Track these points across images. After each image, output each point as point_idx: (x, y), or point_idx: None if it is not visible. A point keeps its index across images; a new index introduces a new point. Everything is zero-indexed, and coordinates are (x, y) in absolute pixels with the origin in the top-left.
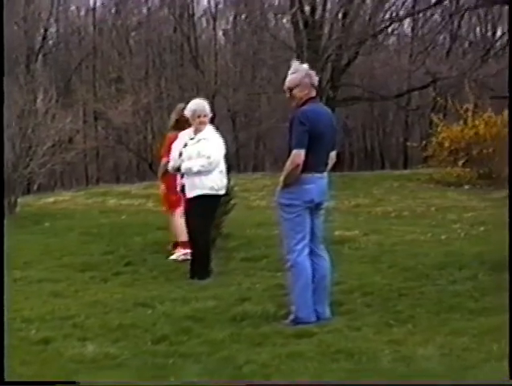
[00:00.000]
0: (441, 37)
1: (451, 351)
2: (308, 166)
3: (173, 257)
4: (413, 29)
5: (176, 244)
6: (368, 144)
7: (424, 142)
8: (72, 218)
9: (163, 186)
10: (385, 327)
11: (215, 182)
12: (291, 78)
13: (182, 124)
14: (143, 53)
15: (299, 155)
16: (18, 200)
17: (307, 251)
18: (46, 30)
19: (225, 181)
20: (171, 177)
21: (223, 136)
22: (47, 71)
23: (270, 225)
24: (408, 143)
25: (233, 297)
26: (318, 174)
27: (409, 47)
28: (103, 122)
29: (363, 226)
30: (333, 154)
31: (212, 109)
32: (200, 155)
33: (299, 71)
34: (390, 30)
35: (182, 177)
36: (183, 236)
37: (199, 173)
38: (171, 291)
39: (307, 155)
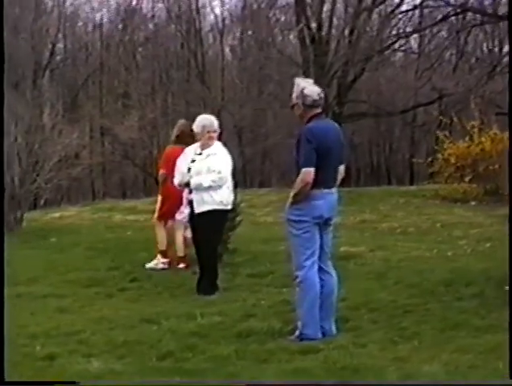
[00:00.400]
0: (448, 53)
1: (456, 368)
2: (317, 182)
3: (149, 265)
4: (419, 45)
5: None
6: (374, 160)
7: (430, 159)
8: (78, 233)
9: (159, 198)
10: (390, 344)
11: (224, 197)
12: (294, 92)
13: (183, 139)
14: (150, 68)
15: (309, 173)
16: (25, 215)
17: (316, 267)
18: (53, 46)
19: (232, 196)
20: (164, 188)
21: (229, 151)
22: (53, 86)
23: (276, 241)
24: (414, 159)
25: (238, 313)
26: (327, 190)
27: (415, 63)
28: (109, 137)
29: (369, 242)
30: (342, 169)
31: (219, 125)
32: (210, 171)
33: (294, 91)
34: (396, 46)
35: (190, 192)
36: (164, 245)
37: (209, 188)
38: (176, 307)
39: (316, 172)
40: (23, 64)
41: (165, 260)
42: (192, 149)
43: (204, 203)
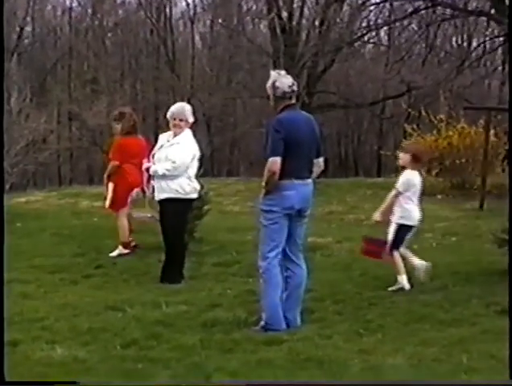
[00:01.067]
0: (417, 47)
1: (420, 361)
2: (287, 172)
3: (112, 254)
4: (389, 38)
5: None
6: (342, 151)
7: (398, 151)
8: (44, 219)
9: (111, 186)
10: (355, 336)
11: (181, 186)
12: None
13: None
14: (119, 55)
15: (274, 162)
16: None
17: (279, 259)
18: (21, 29)
19: (193, 186)
20: (118, 178)
21: (198, 140)
22: (21, 70)
23: (243, 230)
24: (382, 151)
25: (204, 302)
26: (299, 181)
27: (385, 56)
28: (77, 123)
29: (336, 233)
30: (320, 161)
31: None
32: (167, 159)
33: (268, 82)
34: (366, 38)
35: (153, 179)
36: (124, 236)
37: (164, 176)
38: (141, 295)
39: (285, 162)
40: None
41: (125, 251)
42: (164, 136)
43: (163, 191)
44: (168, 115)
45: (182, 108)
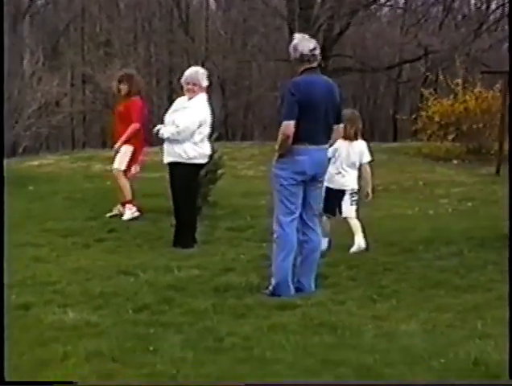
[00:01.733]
0: (434, 9)
1: (434, 327)
2: (301, 137)
3: (124, 218)
4: (406, 1)
5: (124, 204)
6: None
7: (414, 116)
8: (57, 182)
9: (129, 149)
10: (369, 302)
11: (185, 151)
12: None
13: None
14: (132, 17)
15: (288, 126)
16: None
17: (295, 224)
18: None
19: (199, 151)
20: (136, 141)
21: (211, 103)
22: (33, 32)
23: (257, 195)
24: (398, 116)
25: (217, 267)
26: (313, 146)
27: (401, 19)
28: (91, 86)
29: None
30: (340, 127)
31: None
32: (174, 123)
33: (292, 44)
34: (382, 0)
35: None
36: (129, 195)
37: (169, 140)
38: (154, 259)
39: (299, 126)
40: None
41: (133, 209)
42: (179, 101)
43: (168, 155)
44: (182, 79)
45: (195, 73)
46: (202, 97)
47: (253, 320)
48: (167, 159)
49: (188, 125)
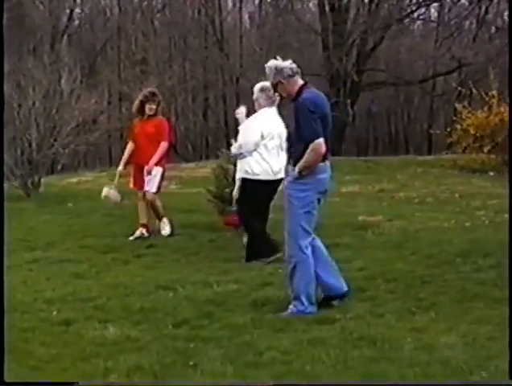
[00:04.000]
0: (467, 22)
1: (474, 339)
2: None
3: (165, 233)
4: (439, 14)
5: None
6: (392, 129)
7: (449, 129)
8: (95, 199)
9: (160, 170)
10: (407, 314)
11: (251, 167)
12: (268, 76)
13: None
14: (168, 35)
15: (320, 144)
16: (42, 180)
17: (310, 247)
18: (71, 11)
19: (265, 166)
20: (163, 162)
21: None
22: (71, 51)
23: None
24: (432, 130)
25: (254, 281)
26: (327, 162)
27: (435, 32)
28: (127, 103)
29: (387, 211)
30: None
31: (237, 92)
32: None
33: (268, 73)
34: (416, 14)
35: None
36: (142, 218)
37: (235, 156)
38: (192, 274)
39: None
40: (41, 29)
41: (143, 231)
42: None
43: (239, 171)
44: None
45: (255, 87)
46: (265, 110)
47: (292, 334)
48: (238, 175)
49: (247, 137)
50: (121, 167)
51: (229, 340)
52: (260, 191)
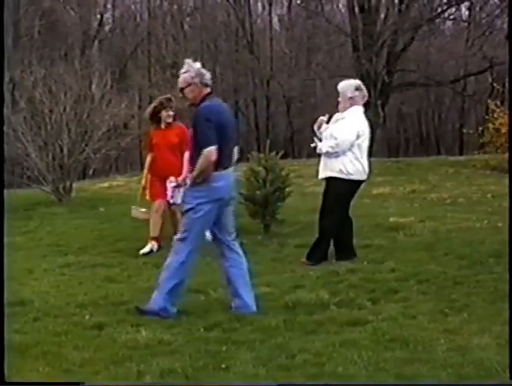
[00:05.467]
0: (499, 21)
1: (507, 341)
2: (217, 163)
3: (140, 252)
4: (470, 13)
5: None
6: (423, 130)
7: (481, 128)
8: (127, 203)
9: (149, 178)
10: (440, 316)
11: (344, 166)
12: (181, 77)
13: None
14: (198, 38)
15: (211, 152)
16: (73, 185)
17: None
18: (102, 16)
19: (358, 166)
20: (156, 170)
21: (277, 122)
22: (102, 56)
23: None
24: (464, 129)
25: (286, 284)
26: (225, 171)
27: (466, 32)
28: None
29: (418, 212)
30: (236, 150)
31: (267, 95)
32: (332, 136)
33: (189, 70)
34: (446, 14)
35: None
36: (154, 231)
37: (328, 154)
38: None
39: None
40: (72, 35)
41: (153, 244)
42: (336, 115)
43: (326, 170)
44: None
45: (342, 85)
46: (357, 109)
47: (324, 336)
48: (324, 174)
49: (346, 135)
50: (143, 183)
51: (261, 343)
52: (349, 192)
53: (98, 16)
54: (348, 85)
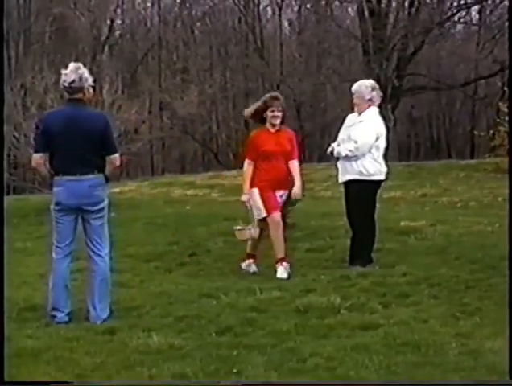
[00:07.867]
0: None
1: None
2: (55, 168)
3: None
4: (480, 16)
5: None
6: (434, 133)
7: (492, 132)
8: (138, 208)
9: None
10: (452, 319)
11: (365, 167)
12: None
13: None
14: (208, 43)
15: (33, 158)
16: None
17: (66, 262)
18: (112, 22)
19: (378, 167)
20: (269, 181)
21: (288, 126)
22: (113, 62)
23: (335, 216)
24: (475, 132)
25: (297, 288)
26: (68, 177)
27: (476, 35)
28: (168, 113)
29: (429, 216)
30: (113, 158)
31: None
32: (350, 139)
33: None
34: (456, 18)
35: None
36: (280, 251)
37: (347, 158)
38: (235, 282)
39: (53, 158)
40: (82, 40)
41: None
42: (350, 117)
43: (346, 173)
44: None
45: (357, 86)
46: (374, 110)
47: (336, 340)
48: (344, 177)
49: (366, 138)
50: (245, 198)
51: (272, 347)
52: (371, 192)
53: (109, 22)
54: (364, 86)
